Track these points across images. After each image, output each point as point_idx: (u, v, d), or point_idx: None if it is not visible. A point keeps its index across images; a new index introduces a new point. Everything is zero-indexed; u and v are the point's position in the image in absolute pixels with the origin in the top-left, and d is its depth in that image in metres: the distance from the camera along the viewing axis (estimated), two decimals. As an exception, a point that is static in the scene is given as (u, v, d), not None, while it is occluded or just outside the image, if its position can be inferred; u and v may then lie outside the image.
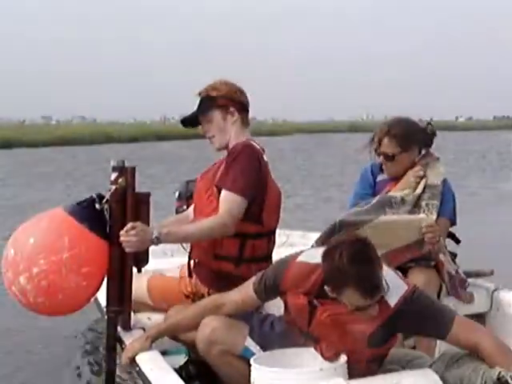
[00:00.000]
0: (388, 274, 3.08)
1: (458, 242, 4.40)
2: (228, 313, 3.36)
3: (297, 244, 5.59)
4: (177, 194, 6.15)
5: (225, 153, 3.98)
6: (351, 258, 2.92)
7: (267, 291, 3.30)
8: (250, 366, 3.06)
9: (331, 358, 3.10)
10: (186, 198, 6.10)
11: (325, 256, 3.02)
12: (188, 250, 4.82)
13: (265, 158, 3.93)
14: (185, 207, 5.96)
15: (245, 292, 3.36)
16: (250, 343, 3.32)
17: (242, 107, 3.98)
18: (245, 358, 3.22)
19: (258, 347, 3.30)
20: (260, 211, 3.83)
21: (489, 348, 3.01)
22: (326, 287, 3.05)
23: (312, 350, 3.17)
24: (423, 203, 4.11)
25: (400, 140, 4.13)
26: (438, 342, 3.89)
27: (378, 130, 4.20)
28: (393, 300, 3.02)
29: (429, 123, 4.30)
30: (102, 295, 3.86)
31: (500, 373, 2.90)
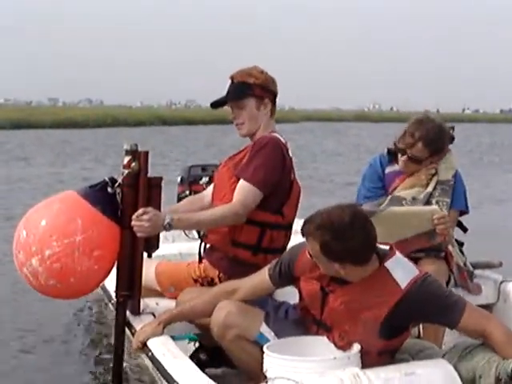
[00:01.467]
0: (400, 259, 3.11)
1: (465, 230, 4.39)
2: (242, 298, 3.37)
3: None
4: (179, 179, 6.16)
5: (248, 140, 3.98)
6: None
7: (282, 276, 3.31)
8: (263, 352, 3.06)
9: (344, 346, 3.10)
10: (189, 183, 6.11)
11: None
12: (190, 235, 4.84)
13: (290, 152, 3.93)
14: (187, 192, 5.97)
15: (260, 277, 3.38)
16: (264, 329, 3.31)
17: (274, 98, 3.98)
18: (259, 344, 3.22)
19: (273, 333, 3.30)
20: (282, 204, 3.85)
21: (499, 337, 3.02)
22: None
23: (325, 338, 3.16)
24: (434, 201, 4.10)
25: (433, 148, 4.09)
26: (446, 331, 3.90)
27: (410, 132, 4.10)
28: (404, 282, 3.03)
29: (451, 127, 4.28)
30: (107, 280, 3.86)
31: (515, 365, 2.90)
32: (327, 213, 3.05)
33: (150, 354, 3.42)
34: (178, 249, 4.81)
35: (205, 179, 6.10)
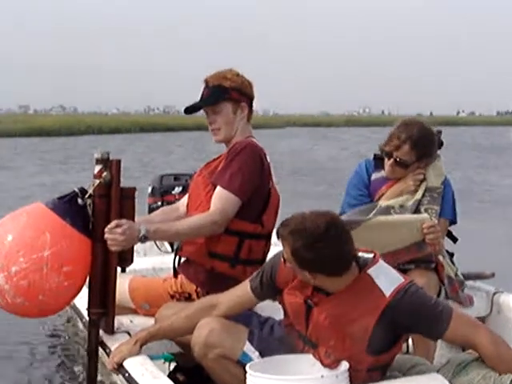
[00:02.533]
0: (384, 266, 3.00)
1: (455, 240, 4.28)
2: (223, 313, 3.23)
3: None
4: (150, 189, 5.93)
5: (223, 146, 3.84)
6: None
7: (263, 287, 3.19)
8: (246, 372, 2.93)
9: (330, 365, 2.97)
10: (161, 193, 5.90)
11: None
12: (163, 248, 4.66)
13: (268, 158, 3.79)
14: (159, 203, 5.75)
15: (241, 290, 3.24)
16: (248, 348, 3.18)
17: (251, 102, 3.85)
18: (242, 364, 3.08)
19: (257, 353, 3.16)
20: (261, 212, 3.71)
21: (487, 348, 2.94)
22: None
23: (310, 356, 3.04)
24: (422, 208, 3.96)
25: (420, 150, 3.95)
26: (438, 346, 3.81)
27: (397, 134, 3.97)
28: (388, 290, 2.91)
29: (439, 132, 4.16)
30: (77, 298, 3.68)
31: (512, 381, 2.80)
32: (302, 218, 2.91)
33: (126, 374, 3.26)
34: (150, 263, 4.64)
35: (178, 189, 5.92)
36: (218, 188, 3.63)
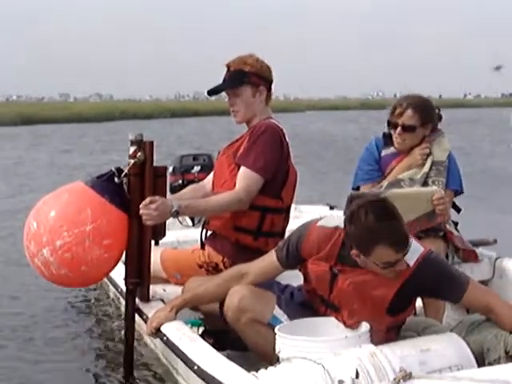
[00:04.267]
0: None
1: (458, 210, 4.47)
2: (252, 281, 3.43)
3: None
4: (171, 168, 6.24)
5: (245, 127, 4.06)
6: (378, 215, 3.02)
7: (289, 257, 3.37)
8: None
9: (353, 325, 3.18)
10: (181, 172, 6.20)
11: (350, 219, 3.09)
12: (184, 223, 4.93)
13: (286, 137, 4.01)
14: (180, 181, 6.06)
15: (268, 260, 3.44)
16: (277, 312, 3.37)
17: (269, 86, 4.06)
18: (273, 327, 3.25)
19: (286, 316, 3.36)
20: (281, 188, 3.95)
21: (502, 310, 3.14)
22: (352, 251, 3.11)
23: (333, 319, 3.22)
24: (430, 181, 4.19)
25: (423, 113, 4.21)
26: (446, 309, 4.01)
27: (399, 103, 4.25)
28: (411, 260, 3.11)
29: (437, 107, 4.41)
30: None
31: (523, 338, 3.00)
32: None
33: (165, 338, 3.47)
34: (175, 236, 4.87)
35: (196, 168, 6.21)
36: (243, 168, 3.87)
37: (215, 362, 3.10)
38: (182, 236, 4.85)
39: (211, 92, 4.13)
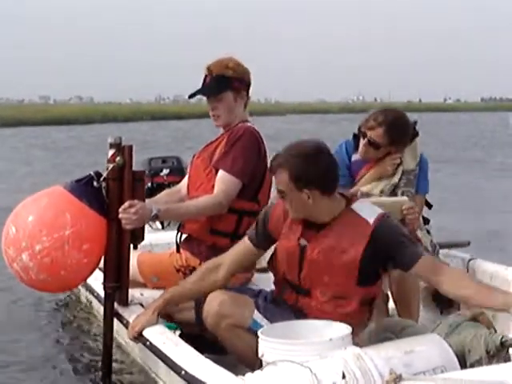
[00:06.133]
0: (366, 202, 3.39)
1: (430, 206, 4.50)
2: (228, 270, 3.48)
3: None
4: None
5: (221, 130, 4.08)
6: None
7: (259, 235, 3.46)
8: (258, 338, 3.09)
9: (327, 302, 3.26)
10: (150, 175, 6.20)
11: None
12: (154, 226, 4.89)
13: (264, 140, 4.04)
14: (149, 184, 6.04)
15: (240, 244, 3.53)
16: (257, 316, 3.37)
17: (249, 89, 4.09)
18: (253, 331, 3.25)
19: (266, 320, 3.36)
20: (258, 191, 3.99)
21: (451, 276, 3.21)
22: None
23: (315, 322, 3.23)
24: (399, 191, 4.21)
25: (393, 135, 4.16)
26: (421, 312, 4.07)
27: (375, 116, 4.19)
28: (371, 218, 3.24)
29: (415, 122, 4.34)
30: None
31: (503, 337, 3.03)
32: (293, 145, 3.28)
33: (148, 343, 3.47)
34: (147, 240, 4.82)
35: (165, 171, 6.21)
36: (221, 172, 3.89)
37: (202, 367, 3.09)
38: (154, 239, 4.85)
39: (192, 96, 4.16)
